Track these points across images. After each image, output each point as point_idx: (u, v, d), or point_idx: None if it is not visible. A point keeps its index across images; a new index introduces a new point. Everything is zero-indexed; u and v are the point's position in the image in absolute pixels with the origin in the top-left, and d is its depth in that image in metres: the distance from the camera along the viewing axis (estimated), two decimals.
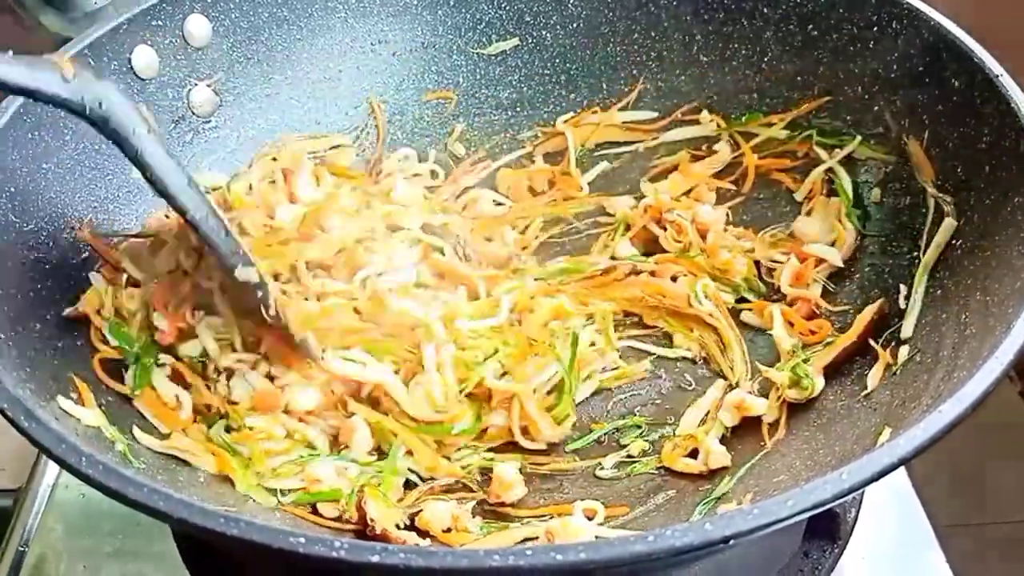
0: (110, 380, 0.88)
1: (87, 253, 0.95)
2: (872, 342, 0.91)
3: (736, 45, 1.13)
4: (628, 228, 1.12)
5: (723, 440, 0.92)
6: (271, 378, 0.91)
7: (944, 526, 1.01)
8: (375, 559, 0.56)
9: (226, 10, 1.09)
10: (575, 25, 1.20)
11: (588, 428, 0.97)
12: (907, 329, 0.90)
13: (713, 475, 0.90)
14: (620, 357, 1.02)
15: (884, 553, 0.98)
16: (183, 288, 0.92)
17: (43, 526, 1.04)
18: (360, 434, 0.89)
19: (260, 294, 0.87)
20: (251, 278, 0.86)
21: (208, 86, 1.09)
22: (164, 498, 0.61)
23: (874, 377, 0.88)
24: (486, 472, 0.92)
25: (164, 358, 0.92)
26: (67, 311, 0.90)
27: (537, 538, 0.84)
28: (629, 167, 1.19)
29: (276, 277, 0.93)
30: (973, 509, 1.83)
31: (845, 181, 1.04)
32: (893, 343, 0.90)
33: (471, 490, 0.91)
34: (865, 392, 0.88)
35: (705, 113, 1.16)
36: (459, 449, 0.93)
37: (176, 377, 0.91)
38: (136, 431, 0.85)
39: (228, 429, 0.89)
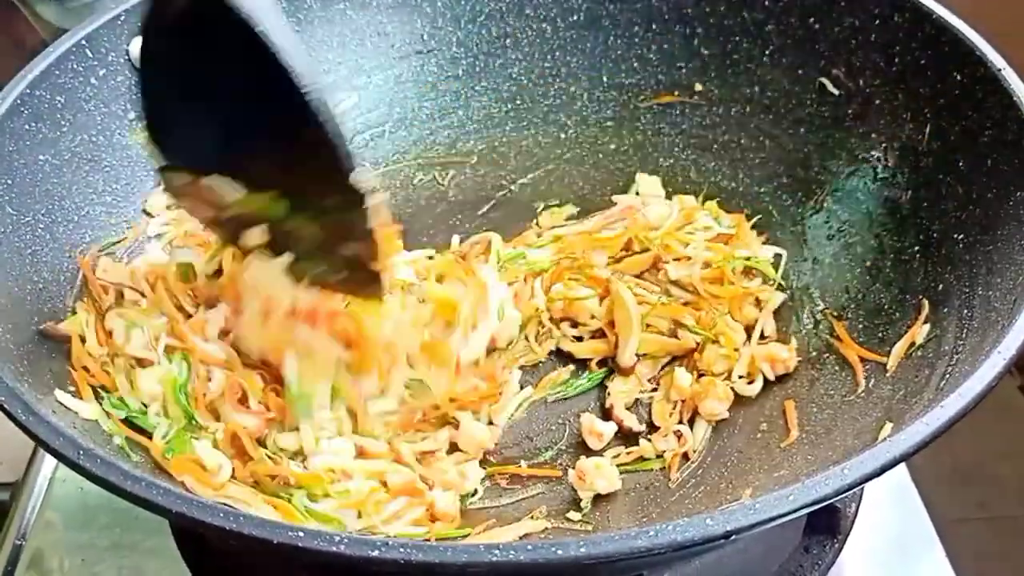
0: (137, 436, 0.83)
1: (84, 246, 0.94)
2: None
3: (737, 38, 1.13)
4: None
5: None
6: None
7: (944, 521, 1.00)
8: (375, 554, 0.56)
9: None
10: (575, 17, 1.20)
11: None
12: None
13: None
14: None
15: (884, 548, 0.98)
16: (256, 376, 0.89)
17: (40, 520, 1.03)
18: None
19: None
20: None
21: None
22: (162, 492, 0.60)
23: (896, 355, 0.88)
24: None
25: (215, 426, 0.87)
26: (44, 326, 0.85)
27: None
28: None
29: None
30: (974, 504, 1.83)
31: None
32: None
33: None
34: (875, 380, 0.88)
35: None
36: None
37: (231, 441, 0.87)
38: (188, 480, 0.81)
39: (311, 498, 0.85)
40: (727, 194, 1.14)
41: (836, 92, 1.07)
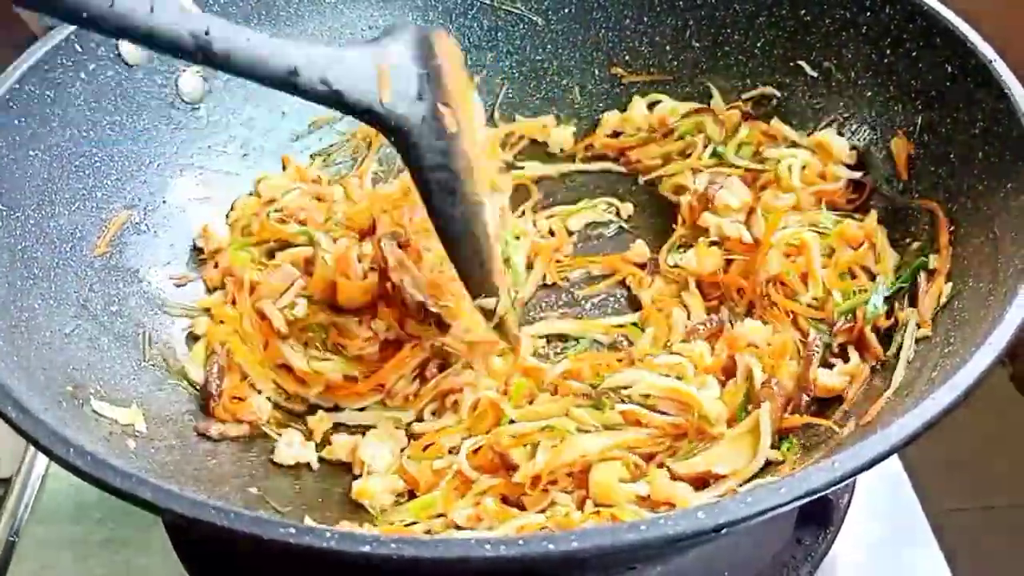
0: None
1: (75, 242, 0.94)
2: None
3: (728, 31, 1.13)
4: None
5: None
6: None
7: (936, 511, 1.01)
8: (365, 549, 0.56)
9: None
10: (567, 10, 1.20)
11: None
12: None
13: None
14: None
15: (877, 538, 0.98)
16: None
17: (34, 515, 1.03)
18: None
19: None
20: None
21: (196, 72, 1.08)
22: (152, 489, 0.60)
23: (928, 309, 0.86)
24: None
25: None
26: None
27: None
28: None
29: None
30: (965, 494, 1.83)
31: None
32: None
33: None
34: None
35: None
36: None
37: None
38: (343, 522, 0.85)
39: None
40: None
41: (828, 84, 1.07)
